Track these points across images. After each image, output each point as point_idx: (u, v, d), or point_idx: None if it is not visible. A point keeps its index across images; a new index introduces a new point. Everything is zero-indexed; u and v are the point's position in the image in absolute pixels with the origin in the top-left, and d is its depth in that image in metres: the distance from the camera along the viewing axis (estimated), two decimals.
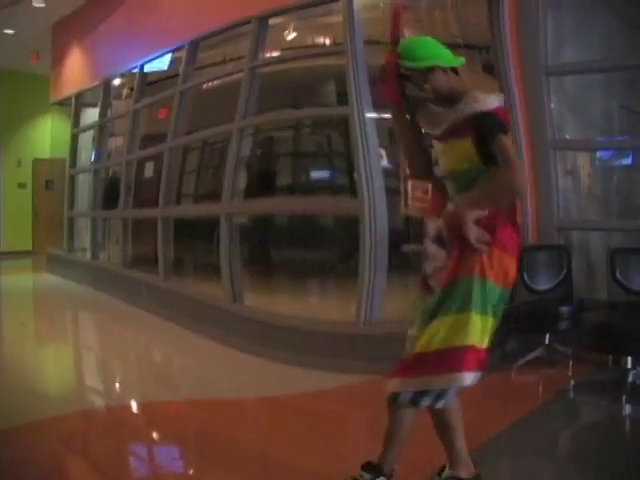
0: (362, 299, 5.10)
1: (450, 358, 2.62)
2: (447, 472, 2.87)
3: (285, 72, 7.43)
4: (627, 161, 6.67)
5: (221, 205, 6.50)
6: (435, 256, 2.69)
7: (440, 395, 2.69)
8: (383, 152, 6.93)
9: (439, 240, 2.67)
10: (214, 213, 6.75)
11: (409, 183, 5.41)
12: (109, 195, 10.12)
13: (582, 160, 6.67)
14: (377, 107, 5.48)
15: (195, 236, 8.27)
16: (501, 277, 2.64)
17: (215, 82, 8.50)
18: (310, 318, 5.39)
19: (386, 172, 5.61)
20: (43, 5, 10.73)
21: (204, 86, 8.55)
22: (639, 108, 7.14)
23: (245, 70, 6.75)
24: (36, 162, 15.04)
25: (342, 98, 5.92)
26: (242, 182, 6.68)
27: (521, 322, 5.01)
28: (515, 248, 2.70)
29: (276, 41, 7.61)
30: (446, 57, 2.95)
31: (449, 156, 2.81)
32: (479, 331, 2.63)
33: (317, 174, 10.16)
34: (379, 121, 5.49)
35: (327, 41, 8.13)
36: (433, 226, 2.69)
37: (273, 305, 6.30)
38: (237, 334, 5.84)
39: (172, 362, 6.20)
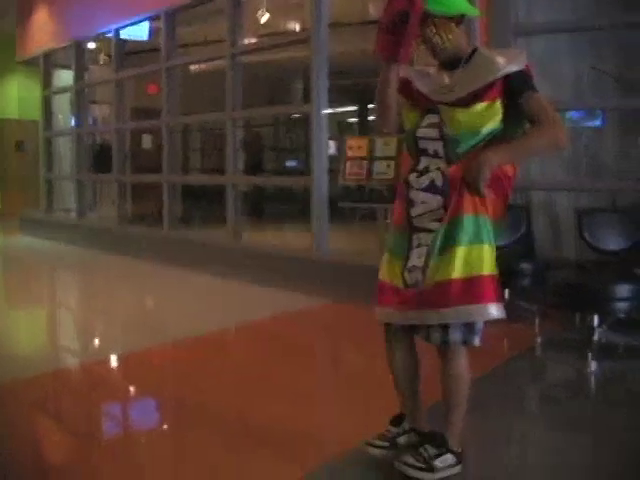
0: (314, 235, 6.68)
1: (476, 286, 2.64)
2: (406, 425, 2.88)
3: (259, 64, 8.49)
4: (597, 122, 6.72)
5: (227, 177, 7.86)
6: (426, 201, 2.72)
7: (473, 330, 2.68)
8: (332, 143, 9.98)
9: (432, 188, 2.72)
10: (221, 182, 8.25)
11: (347, 163, 6.10)
12: (99, 160, 10.88)
13: None
14: (331, 102, 6.68)
15: (199, 197, 11.31)
16: (491, 212, 2.72)
17: (201, 65, 9.04)
18: (281, 247, 7.48)
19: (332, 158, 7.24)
20: None
21: (192, 68, 8.99)
22: (609, 69, 7.17)
23: (227, 57, 7.34)
24: (3, 122, 14.78)
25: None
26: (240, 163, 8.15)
27: None
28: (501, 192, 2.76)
29: (251, 25, 8.15)
30: (470, 6, 2.81)
31: (468, 119, 2.70)
32: (492, 260, 2.72)
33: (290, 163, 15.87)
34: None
35: (297, 26, 8.48)
36: (424, 178, 2.72)
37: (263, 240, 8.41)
38: (234, 267, 7.17)
39: (162, 305, 6.55)
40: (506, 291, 5.10)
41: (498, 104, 2.67)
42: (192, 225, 10.56)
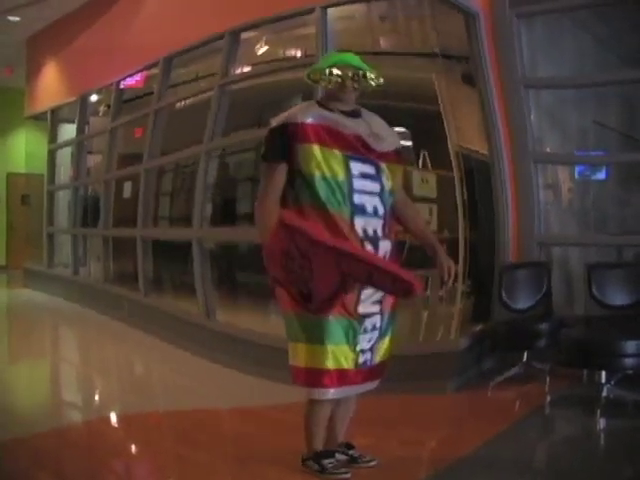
0: None
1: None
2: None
3: (252, 88, 7.38)
4: (601, 176, 6.73)
5: (192, 230, 6.80)
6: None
7: None
8: None
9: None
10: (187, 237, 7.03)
11: None
12: (89, 213, 10.36)
13: (562, 174, 6.71)
14: None
15: (172, 255, 8.52)
16: None
17: (187, 101, 8.51)
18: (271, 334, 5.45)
19: None
20: (18, 19, 10.69)
21: (177, 105, 8.56)
22: (611, 124, 7.22)
23: (215, 88, 6.81)
24: (11, 176, 14.89)
25: None
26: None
27: (498, 341, 5.03)
28: None
29: (247, 56, 7.55)
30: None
31: (393, 176, 2.91)
32: None
33: None
34: None
35: (299, 53, 7.98)
36: (376, 252, 2.80)
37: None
38: (210, 347, 6.07)
39: (151, 374, 6.28)
40: (525, 353, 5.01)
41: (401, 170, 3.02)
42: (163, 289, 8.77)
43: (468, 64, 6.04)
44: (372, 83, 2.96)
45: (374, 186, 2.79)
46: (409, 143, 8.08)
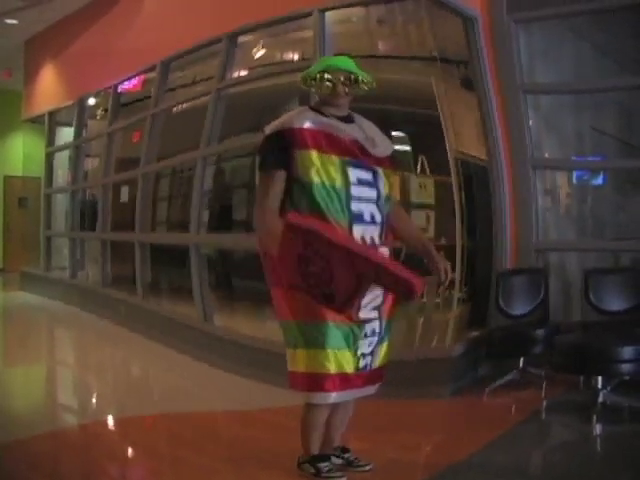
0: None
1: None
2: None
3: (249, 92, 7.31)
4: (598, 181, 6.74)
5: (189, 236, 6.80)
6: (372, 292, 2.80)
7: None
8: None
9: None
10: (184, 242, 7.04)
11: None
12: (87, 217, 10.36)
13: (560, 180, 6.72)
14: None
15: (170, 260, 8.59)
16: None
17: (184, 105, 8.47)
18: (268, 339, 5.44)
19: None
20: (16, 22, 10.69)
21: (175, 109, 8.53)
22: (608, 129, 7.23)
23: (212, 92, 6.78)
24: (8, 179, 14.87)
25: None
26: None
27: (494, 347, 5.03)
28: None
29: (244, 60, 7.53)
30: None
31: (386, 182, 2.89)
32: None
33: None
34: None
35: (296, 56, 7.91)
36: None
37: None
38: (208, 351, 6.05)
39: (147, 377, 6.26)
40: (521, 359, 5.04)
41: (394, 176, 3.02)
42: (161, 293, 8.90)
43: (467, 68, 6.05)
44: (365, 87, 2.92)
45: (371, 193, 2.76)
46: (408, 148, 8.04)
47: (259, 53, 7.82)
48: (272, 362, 4.53)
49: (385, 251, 2.82)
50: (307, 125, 2.74)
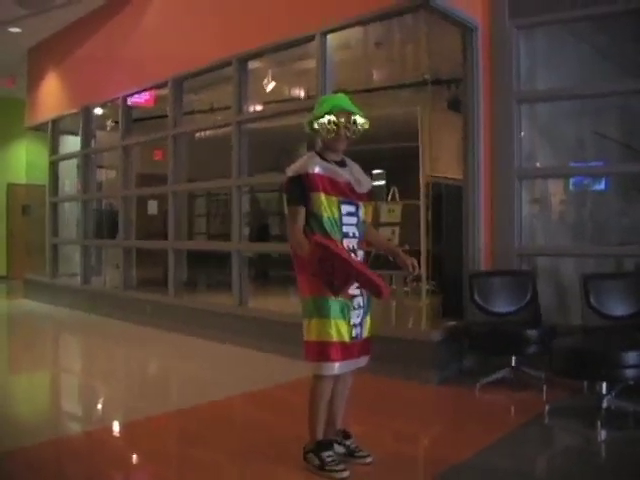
0: None
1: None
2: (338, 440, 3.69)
3: (265, 130, 8.35)
4: (600, 187, 6.74)
5: (232, 244, 7.71)
6: None
7: None
8: None
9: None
10: (226, 249, 8.06)
11: None
12: (104, 225, 11.09)
13: (554, 187, 6.74)
14: None
15: (204, 264, 11.03)
16: None
17: (207, 132, 9.43)
18: (287, 314, 6.58)
19: None
20: (19, 30, 10.75)
21: (197, 135, 9.36)
22: (610, 134, 7.25)
23: (233, 124, 7.41)
24: (11, 187, 14.92)
25: None
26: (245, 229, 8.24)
27: (477, 341, 5.35)
28: None
29: (257, 92, 8.22)
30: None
31: (365, 210, 3.77)
32: None
33: None
34: None
35: (302, 92, 9.02)
36: (356, 257, 3.63)
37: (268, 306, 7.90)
38: (240, 334, 7.09)
39: (169, 371, 6.50)
40: (513, 358, 5.25)
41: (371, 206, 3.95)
42: (197, 290, 10.50)
43: (457, 87, 6.35)
44: (360, 129, 3.66)
45: (354, 220, 3.68)
46: (382, 182, 10.84)
47: (270, 86, 8.70)
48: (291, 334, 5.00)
49: (362, 253, 3.73)
50: (317, 170, 3.58)
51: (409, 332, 5.83)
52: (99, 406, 5.27)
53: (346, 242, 3.65)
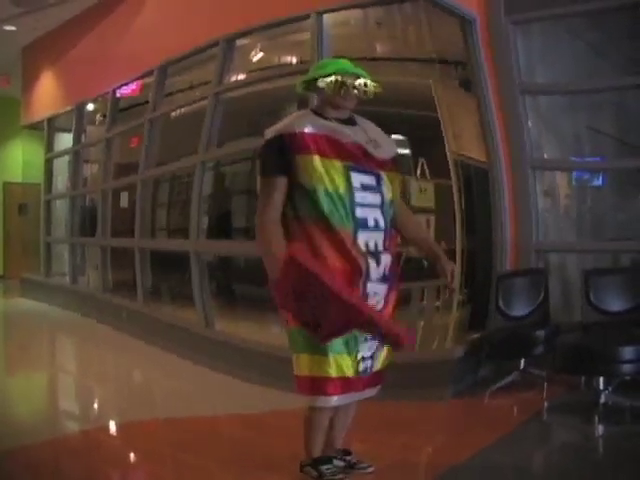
0: None
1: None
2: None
3: (247, 96, 7.20)
4: (597, 182, 6.73)
5: (188, 242, 6.67)
6: (378, 292, 2.76)
7: None
8: None
9: (383, 278, 2.75)
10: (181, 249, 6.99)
11: None
12: (86, 222, 10.35)
13: (559, 180, 6.70)
14: None
15: (168, 268, 8.48)
16: None
17: (183, 109, 8.41)
18: (270, 344, 5.44)
19: None
20: (14, 29, 10.70)
21: (173, 114, 8.48)
22: (604, 129, 7.23)
23: (210, 96, 6.72)
24: (7, 186, 14.88)
25: None
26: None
27: (495, 349, 4.98)
28: None
29: (242, 64, 7.43)
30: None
31: (392, 186, 2.82)
32: None
33: None
34: None
35: (294, 60, 7.84)
36: (381, 267, 2.72)
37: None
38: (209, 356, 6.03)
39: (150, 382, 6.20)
40: (522, 361, 5.00)
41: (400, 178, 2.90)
42: (161, 298, 8.74)
43: (465, 69, 6.01)
44: (372, 91, 2.88)
45: (375, 198, 2.70)
46: (407, 151, 7.88)
47: (257, 57, 7.73)
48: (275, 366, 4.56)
49: (388, 258, 2.76)
50: (308, 129, 2.67)
51: (429, 355, 5.11)
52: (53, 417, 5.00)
53: (363, 237, 2.63)
